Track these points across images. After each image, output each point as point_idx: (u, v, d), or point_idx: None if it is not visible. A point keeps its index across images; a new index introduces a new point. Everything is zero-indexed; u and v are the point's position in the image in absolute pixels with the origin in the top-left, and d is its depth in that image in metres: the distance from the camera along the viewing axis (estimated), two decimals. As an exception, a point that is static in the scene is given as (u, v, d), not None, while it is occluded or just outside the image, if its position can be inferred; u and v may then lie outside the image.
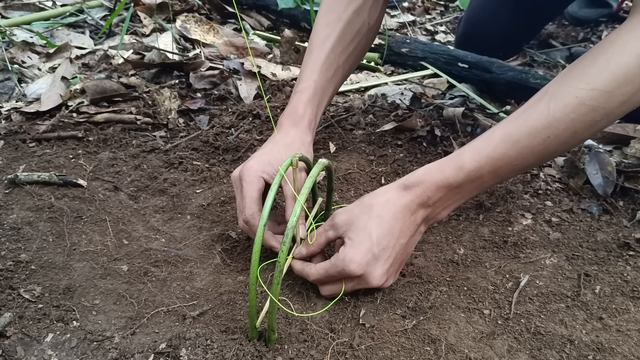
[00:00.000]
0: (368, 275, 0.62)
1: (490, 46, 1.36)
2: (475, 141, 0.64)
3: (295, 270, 0.68)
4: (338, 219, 0.65)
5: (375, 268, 0.62)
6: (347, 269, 0.61)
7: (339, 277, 0.63)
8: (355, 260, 0.61)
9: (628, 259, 0.74)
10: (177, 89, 1.20)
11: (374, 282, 0.62)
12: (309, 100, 0.78)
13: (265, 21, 1.70)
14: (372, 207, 0.63)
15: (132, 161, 0.97)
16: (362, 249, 0.61)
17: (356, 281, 0.63)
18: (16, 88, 1.19)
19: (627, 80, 0.56)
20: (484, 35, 1.38)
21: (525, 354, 0.60)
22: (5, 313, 0.63)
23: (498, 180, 0.64)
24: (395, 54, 1.41)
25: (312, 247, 0.67)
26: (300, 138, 0.76)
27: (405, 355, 0.60)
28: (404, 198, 0.63)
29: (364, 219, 0.63)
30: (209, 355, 0.59)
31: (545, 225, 0.81)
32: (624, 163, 0.91)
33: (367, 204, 0.64)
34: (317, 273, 0.64)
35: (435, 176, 0.63)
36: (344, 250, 0.62)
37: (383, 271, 0.62)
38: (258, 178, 0.69)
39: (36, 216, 0.80)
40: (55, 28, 1.52)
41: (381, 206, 0.63)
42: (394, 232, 0.62)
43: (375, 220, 0.62)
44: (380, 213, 0.63)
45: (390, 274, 0.64)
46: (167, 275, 0.72)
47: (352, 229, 0.63)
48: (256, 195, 0.69)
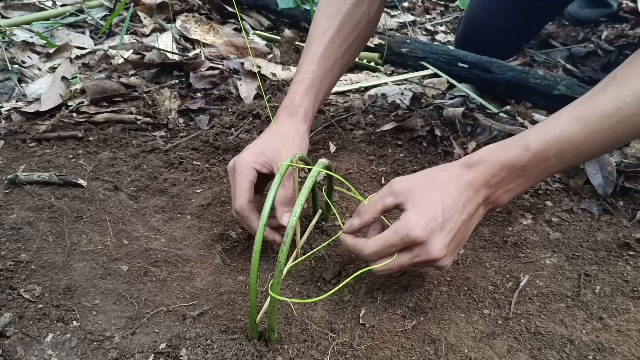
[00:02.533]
0: (431, 243, 0.58)
1: (490, 46, 1.36)
2: (540, 124, 0.61)
3: (346, 246, 0.63)
4: (397, 185, 0.61)
5: (438, 237, 0.58)
6: (411, 234, 0.57)
7: (401, 245, 0.59)
8: (420, 224, 0.57)
9: (628, 259, 0.74)
10: (177, 89, 1.20)
11: (435, 253, 0.58)
12: (306, 91, 0.78)
13: (265, 21, 1.70)
14: (435, 179, 0.61)
15: (132, 161, 0.97)
16: (427, 215, 0.58)
17: (416, 252, 0.59)
18: (16, 88, 1.19)
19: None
20: (484, 35, 1.38)
21: (525, 354, 0.60)
22: (5, 313, 0.63)
23: (563, 166, 0.60)
24: (395, 54, 1.41)
25: (366, 217, 0.62)
26: (295, 128, 0.76)
27: (405, 355, 0.60)
28: (467, 175, 0.61)
29: (427, 189, 0.60)
30: (209, 355, 0.59)
31: (545, 225, 0.81)
32: (624, 163, 0.91)
33: (428, 176, 0.62)
34: (374, 245, 0.60)
35: (499, 155, 0.60)
36: (406, 216, 0.58)
37: (445, 243, 0.59)
38: (249, 169, 0.69)
39: (36, 216, 0.80)
40: (55, 28, 1.52)
41: (445, 180, 0.61)
42: (458, 205, 0.59)
43: (439, 192, 0.59)
44: (444, 185, 0.60)
45: (450, 251, 0.60)
46: (167, 275, 0.72)
47: (415, 196, 0.60)
48: (247, 187, 0.68)
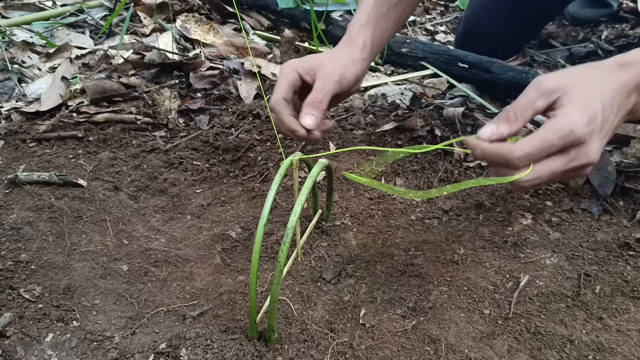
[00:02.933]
0: (590, 144, 0.52)
1: (489, 46, 1.36)
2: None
3: (482, 150, 0.55)
4: (548, 85, 0.55)
5: (597, 139, 0.53)
6: (576, 131, 0.51)
7: (560, 146, 0.52)
8: (584, 121, 0.51)
9: (628, 259, 0.74)
10: (177, 89, 1.20)
11: (592, 156, 0.52)
12: (362, 27, 0.79)
13: (265, 21, 1.70)
14: (589, 77, 0.55)
15: (132, 161, 0.97)
16: (589, 111, 0.52)
17: (573, 154, 0.53)
18: (16, 88, 1.19)
19: None
20: (484, 34, 1.38)
21: (525, 354, 0.60)
22: (5, 313, 0.63)
23: None
24: (395, 54, 1.41)
25: (517, 125, 0.55)
26: (350, 54, 0.76)
27: (405, 355, 0.60)
28: (621, 76, 0.55)
29: (583, 84, 0.54)
30: (209, 355, 0.59)
31: (545, 225, 0.81)
32: (624, 163, 0.91)
33: (579, 73, 0.56)
34: (528, 146, 0.52)
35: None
36: (567, 111, 0.52)
37: (602, 146, 0.54)
38: (292, 71, 0.71)
39: (36, 216, 0.80)
40: (55, 28, 1.52)
41: (599, 78, 0.55)
42: (614, 106, 0.54)
43: (596, 88, 0.54)
44: (601, 82, 0.55)
45: (599, 154, 0.54)
46: (167, 275, 0.72)
47: (574, 91, 0.54)
48: (285, 85, 0.70)
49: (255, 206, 0.87)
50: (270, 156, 0.97)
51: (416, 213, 0.84)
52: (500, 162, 0.54)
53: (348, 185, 0.92)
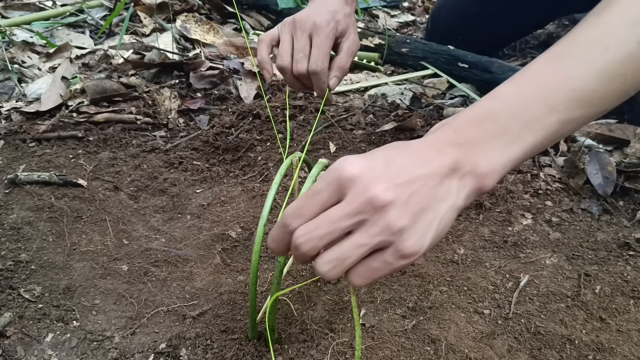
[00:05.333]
0: (374, 185, 0.40)
1: (455, 30, 1.38)
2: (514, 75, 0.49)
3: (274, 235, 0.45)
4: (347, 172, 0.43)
5: (378, 174, 0.41)
6: (343, 172, 0.41)
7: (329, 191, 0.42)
8: (357, 161, 0.42)
9: (628, 259, 0.74)
10: (177, 88, 1.20)
11: (380, 196, 0.40)
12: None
13: (265, 21, 1.70)
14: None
15: (132, 161, 0.97)
16: (367, 155, 0.44)
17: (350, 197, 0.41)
18: (16, 88, 1.19)
19: None
20: (450, 19, 1.41)
21: (525, 354, 0.60)
22: (5, 313, 0.63)
23: (557, 118, 0.44)
24: (395, 54, 1.41)
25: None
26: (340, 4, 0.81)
27: (405, 355, 0.60)
28: (426, 139, 0.46)
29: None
30: (209, 355, 0.59)
31: (545, 225, 0.81)
32: (624, 163, 0.91)
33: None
34: (296, 201, 0.44)
35: (464, 112, 0.47)
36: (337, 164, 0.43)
37: (391, 185, 0.40)
38: (334, 35, 0.78)
39: (36, 216, 0.80)
40: (55, 28, 1.52)
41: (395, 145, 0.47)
42: (415, 158, 0.43)
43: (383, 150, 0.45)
44: (394, 146, 0.46)
45: (410, 215, 0.40)
46: (167, 275, 0.72)
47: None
48: (329, 51, 0.78)
49: (255, 206, 0.87)
50: (270, 156, 0.97)
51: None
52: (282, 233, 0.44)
53: (348, 185, 0.92)
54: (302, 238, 0.41)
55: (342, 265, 0.41)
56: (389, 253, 0.41)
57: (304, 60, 0.77)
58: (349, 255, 0.41)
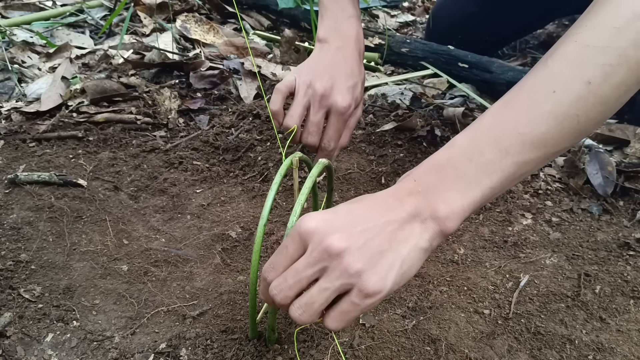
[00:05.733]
0: (331, 235, 0.45)
1: (455, 29, 1.38)
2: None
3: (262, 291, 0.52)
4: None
5: (335, 225, 0.46)
6: (303, 226, 0.46)
7: (293, 246, 0.47)
8: (315, 216, 0.46)
9: (628, 259, 0.74)
10: (177, 88, 1.20)
11: (335, 244, 0.44)
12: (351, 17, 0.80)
13: (265, 21, 1.70)
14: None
15: (132, 161, 0.97)
16: (326, 211, 0.48)
17: (310, 249, 0.45)
18: (16, 88, 1.19)
19: (637, 16, 0.44)
20: (450, 18, 1.40)
21: (525, 354, 0.60)
22: (5, 313, 0.63)
23: (513, 161, 0.46)
24: (395, 54, 1.41)
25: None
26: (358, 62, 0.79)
27: (405, 355, 0.60)
28: (390, 188, 0.51)
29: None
30: (209, 355, 0.59)
31: (545, 225, 0.81)
32: (624, 163, 0.91)
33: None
34: (269, 261, 0.49)
35: (424, 162, 0.50)
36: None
37: (346, 234, 0.45)
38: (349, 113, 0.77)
39: (36, 216, 0.80)
40: (55, 28, 1.52)
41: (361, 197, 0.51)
42: (374, 209, 0.48)
43: (347, 203, 0.50)
44: (358, 199, 0.51)
45: (367, 258, 0.44)
46: (167, 275, 0.72)
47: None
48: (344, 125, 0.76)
49: (255, 206, 0.87)
50: (270, 156, 0.97)
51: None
52: (264, 287, 0.50)
53: (348, 185, 0.92)
54: (275, 290, 0.47)
55: (311, 309, 0.46)
56: (353, 294, 0.44)
57: (316, 135, 0.75)
58: (315, 299, 0.45)
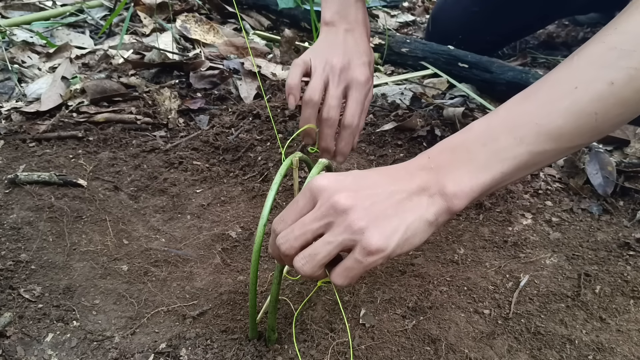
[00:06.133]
0: (338, 192, 0.47)
1: (455, 29, 1.38)
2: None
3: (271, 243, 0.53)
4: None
5: (345, 185, 0.48)
6: (313, 183, 0.49)
7: (302, 202, 0.50)
8: (327, 176, 0.49)
9: (628, 259, 0.74)
10: (177, 88, 1.20)
11: (341, 201, 0.46)
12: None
13: (265, 21, 1.70)
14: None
15: (132, 161, 0.97)
16: (337, 173, 0.51)
17: (319, 205, 0.48)
18: (16, 88, 1.19)
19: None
20: (450, 18, 1.41)
21: (525, 354, 0.60)
22: (5, 313, 0.63)
23: (527, 149, 0.48)
24: (395, 54, 1.41)
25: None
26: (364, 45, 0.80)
27: (405, 355, 0.60)
28: (404, 163, 0.53)
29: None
30: (209, 355, 0.59)
31: (545, 225, 0.81)
32: (624, 163, 0.91)
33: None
34: (279, 215, 0.51)
35: (439, 143, 0.53)
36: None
37: (353, 194, 0.47)
38: (369, 87, 0.77)
39: (36, 216, 0.80)
40: (55, 28, 1.52)
41: (376, 168, 0.54)
42: (384, 176, 0.50)
43: (362, 170, 0.53)
44: (373, 169, 0.52)
45: (372, 218, 0.46)
46: (167, 275, 0.72)
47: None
48: (366, 101, 0.76)
49: (255, 206, 0.87)
50: (270, 156, 0.97)
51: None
52: (272, 238, 0.51)
53: (348, 185, 0.92)
54: (281, 239, 0.49)
55: (313, 260, 0.47)
56: (357, 251, 0.46)
57: (337, 108, 0.73)
58: (319, 251, 0.47)
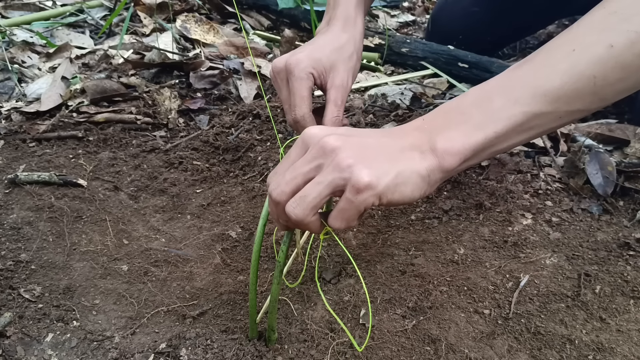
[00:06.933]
0: (325, 136, 0.47)
1: (455, 29, 1.38)
2: None
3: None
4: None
5: (337, 131, 0.49)
6: (307, 132, 0.49)
7: (295, 150, 0.50)
8: (320, 127, 0.50)
9: (628, 259, 0.74)
10: (177, 88, 1.20)
11: (330, 142, 0.46)
12: (358, 4, 0.75)
13: (265, 21, 1.70)
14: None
15: (132, 161, 0.97)
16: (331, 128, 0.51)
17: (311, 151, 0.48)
18: (16, 88, 1.19)
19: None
20: (450, 19, 1.41)
21: (525, 354, 0.60)
22: (5, 313, 0.63)
23: (520, 110, 0.48)
24: (395, 54, 1.41)
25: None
26: (353, 43, 0.71)
27: (405, 355, 0.60)
28: (395, 126, 0.54)
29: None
30: (209, 355, 0.59)
31: (545, 225, 0.81)
32: (624, 163, 0.91)
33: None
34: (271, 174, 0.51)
35: (434, 109, 0.54)
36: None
37: (342, 137, 0.48)
38: (308, 75, 0.65)
39: (36, 216, 0.80)
40: (55, 28, 1.52)
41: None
42: (377, 131, 0.52)
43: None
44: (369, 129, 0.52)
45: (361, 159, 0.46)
46: (167, 275, 0.72)
47: None
48: (306, 93, 0.65)
49: (255, 206, 0.87)
50: (270, 156, 0.97)
51: (416, 213, 0.84)
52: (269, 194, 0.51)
53: (348, 185, 0.92)
54: (273, 186, 0.49)
55: (304, 202, 0.47)
56: (347, 191, 0.46)
57: (290, 110, 0.68)
58: (309, 192, 0.47)
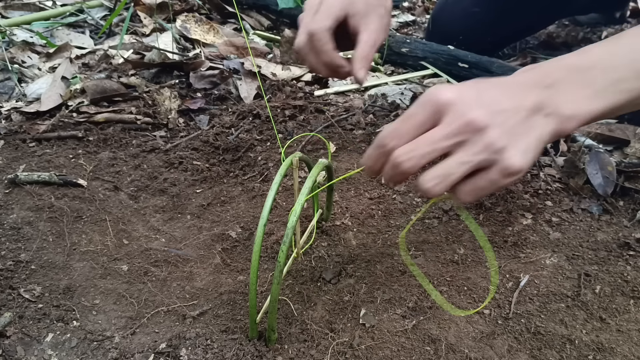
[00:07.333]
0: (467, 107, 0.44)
1: (455, 30, 1.38)
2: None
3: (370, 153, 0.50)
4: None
5: (473, 101, 0.45)
6: (436, 95, 0.46)
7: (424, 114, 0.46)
8: (448, 87, 0.46)
9: (628, 259, 0.74)
10: (177, 88, 1.20)
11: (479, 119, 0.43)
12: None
13: (265, 21, 1.70)
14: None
15: (132, 161, 0.97)
16: (457, 85, 0.48)
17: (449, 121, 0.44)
18: (16, 88, 1.19)
19: None
20: (450, 19, 1.41)
21: (525, 354, 0.60)
22: (5, 313, 0.63)
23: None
24: (395, 54, 1.41)
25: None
26: (384, 6, 0.68)
27: (405, 355, 0.60)
28: (513, 77, 0.50)
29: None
30: (209, 355, 0.59)
31: (545, 225, 0.81)
32: (624, 163, 0.91)
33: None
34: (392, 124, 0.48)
35: (553, 60, 0.50)
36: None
37: (488, 111, 0.44)
38: (341, 8, 0.63)
39: (36, 216, 0.80)
40: (55, 28, 1.52)
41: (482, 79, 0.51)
42: (498, 88, 0.48)
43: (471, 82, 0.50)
44: (481, 80, 0.50)
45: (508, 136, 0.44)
46: (167, 275, 0.72)
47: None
48: (333, 15, 0.62)
49: (255, 206, 0.87)
50: (270, 156, 0.97)
51: (416, 213, 0.84)
52: (379, 154, 0.48)
53: (348, 185, 0.92)
54: (404, 157, 0.45)
55: (446, 181, 0.44)
56: (494, 171, 0.44)
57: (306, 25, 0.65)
58: (454, 172, 0.44)
